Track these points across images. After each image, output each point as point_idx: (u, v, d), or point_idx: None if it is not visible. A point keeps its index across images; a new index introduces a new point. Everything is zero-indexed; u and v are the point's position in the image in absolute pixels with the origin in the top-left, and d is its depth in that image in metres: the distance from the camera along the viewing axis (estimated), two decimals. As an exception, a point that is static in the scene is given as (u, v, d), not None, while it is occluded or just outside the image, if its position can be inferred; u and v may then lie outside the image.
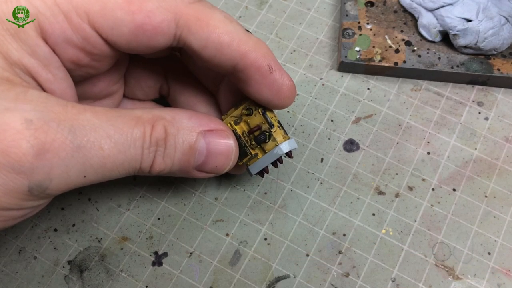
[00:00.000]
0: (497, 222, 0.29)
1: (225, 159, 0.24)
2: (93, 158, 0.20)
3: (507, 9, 0.32)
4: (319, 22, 0.36)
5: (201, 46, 0.22)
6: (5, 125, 0.18)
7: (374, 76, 0.34)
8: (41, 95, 0.20)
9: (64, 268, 0.28)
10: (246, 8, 0.37)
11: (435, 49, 0.33)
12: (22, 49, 0.20)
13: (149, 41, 0.22)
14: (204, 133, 0.23)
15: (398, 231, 0.29)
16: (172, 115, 0.22)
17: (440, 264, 0.28)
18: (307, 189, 0.30)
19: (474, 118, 0.33)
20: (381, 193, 0.30)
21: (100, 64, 0.23)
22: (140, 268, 0.28)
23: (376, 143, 0.32)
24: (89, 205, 0.30)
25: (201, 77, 0.27)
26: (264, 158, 0.25)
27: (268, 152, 0.25)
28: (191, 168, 0.23)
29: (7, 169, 0.18)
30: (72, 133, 0.19)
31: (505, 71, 0.32)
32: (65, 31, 0.21)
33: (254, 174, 0.26)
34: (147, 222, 0.29)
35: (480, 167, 0.31)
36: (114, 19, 0.21)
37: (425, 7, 0.33)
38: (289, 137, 0.25)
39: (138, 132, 0.21)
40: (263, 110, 0.25)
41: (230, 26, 0.22)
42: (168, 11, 0.21)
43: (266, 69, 0.23)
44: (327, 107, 0.33)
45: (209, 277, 0.28)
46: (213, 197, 0.30)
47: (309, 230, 0.29)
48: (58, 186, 0.20)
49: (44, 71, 0.21)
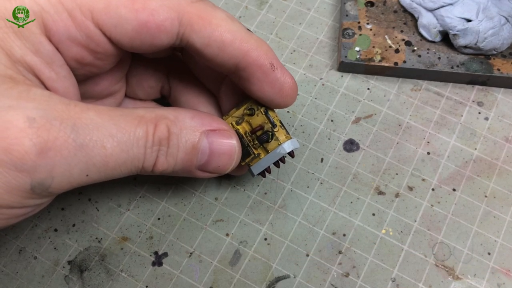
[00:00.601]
0: (497, 222, 0.29)
1: (228, 159, 0.24)
2: (95, 157, 0.20)
3: (507, 9, 0.32)
4: (319, 22, 0.36)
5: (204, 44, 0.22)
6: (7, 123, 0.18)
7: (374, 76, 0.34)
8: (44, 93, 0.20)
9: (64, 268, 0.28)
10: (246, 8, 0.37)
11: (435, 49, 0.33)
12: (25, 47, 0.20)
13: (152, 39, 0.22)
14: (207, 132, 0.23)
15: (398, 231, 0.29)
16: (175, 115, 0.22)
17: (440, 264, 0.28)
18: (307, 189, 0.30)
19: (474, 118, 0.33)
20: (381, 193, 0.30)
21: (103, 62, 0.23)
22: (140, 268, 0.28)
23: (376, 143, 0.32)
24: (89, 205, 0.30)
25: (202, 78, 0.27)
26: (267, 158, 0.25)
27: (271, 152, 0.25)
28: (193, 167, 0.23)
29: (9, 167, 0.18)
30: (74, 132, 0.19)
31: (505, 71, 0.32)
32: (69, 29, 0.21)
33: (256, 175, 0.26)
34: (147, 222, 0.29)
35: (480, 167, 0.31)
36: (118, 16, 0.21)
37: (425, 7, 0.33)
38: (291, 137, 0.25)
39: (141, 131, 0.21)
40: (265, 110, 0.25)
41: (232, 25, 0.22)
42: (171, 10, 0.21)
43: (268, 67, 0.23)
44: (327, 107, 0.33)
45: (209, 277, 0.28)
46: (213, 197, 0.30)
47: (309, 230, 0.29)
48: (61, 184, 0.20)
49: (47, 69, 0.21)
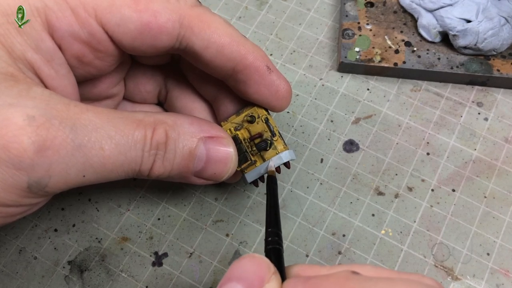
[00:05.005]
0: (496, 222, 0.30)
1: (224, 167, 0.24)
2: (93, 158, 0.20)
3: (506, 10, 0.32)
4: (319, 22, 0.36)
5: (203, 46, 0.23)
6: (7, 120, 0.18)
7: (374, 77, 0.34)
8: (44, 92, 0.20)
9: (64, 268, 0.28)
10: (246, 9, 0.37)
11: (434, 50, 0.33)
12: (26, 44, 0.21)
13: (154, 40, 0.22)
14: (204, 139, 0.23)
15: (397, 232, 0.29)
16: (174, 120, 0.23)
17: (439, 264, 0.28)
18: (307, 189, 0.30)
19: (474, 118, 0.33)
20: (380, 194, 0.30)
21: (102, 63, 0.23)
22: (140, 269, 0.28)
23: (375, 144, 0.32)
24: (89, 206, 0.30)
25: (199, 86, 0.27)
26: (263, 165, 0.25)
27: (267, 160, 0.25)
28: (189, 173, 0.23)
29: (7, 164, 0.18)
30: (73, 132, 0.19)
31: (505, 72, 0.32)
32: (72, 25, 0.21)
33: (249, 183, 0.26)
34: (147, 223, 0.30)
35: (479, 167, 0.31)
36: (121, 15, 0.21)
37: (424, 8, 0.33)
38: (288, 148, 0.25)
39: (139, 134, 0.21)
40: (266, 118, 0.25)
41: (230, 29, 0.23)
42: (173, 12, 0.22)
43: (264, 70, 0.24)
44: (327, 108, 0.33)
45: (209, 277, 0.28)
46: (213, 197, 0.30)
47: (308, 230, 0.29)
48: (57, 184, 0.20)
49: (46, 66, 0.21)
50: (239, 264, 0.17)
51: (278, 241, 0.20)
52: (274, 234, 0.20)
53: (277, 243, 0.20)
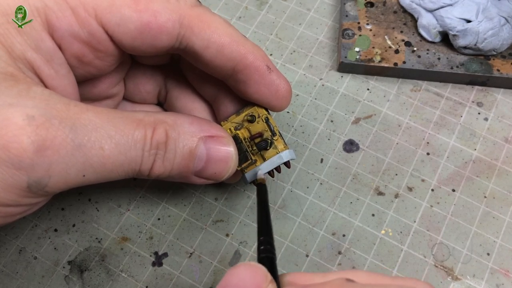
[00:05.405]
0: (496, 222, 0.30)
1: (225, 166, 0.24)
2: (93, 157, 0.20)
3: (506, 10, 0.32)
4: (319, 22, 0.36)
5: (203, 46, 0.23)
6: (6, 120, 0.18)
7: (374, 77, 0.34)
8: (44, 92, 0.20)
9: (64, 268, 0.28)
10: (246, 9, 0.37)
11: (434, 50, 0.33)
12: (26, 43, 0.21)
13: (154, 40, 0.22)
14: (205, 139, 0.23)
15: (397, 232, 0.29)
16: (174, 119, 0.23)
17: (439, 264, 0.28)
18: (307, 189, 0.30)
19: (474, 118, 0.33)
20: (380, 194, 0.30)
21: (102, 63, 0.23)
22: (140, 269, 0.28)
23: (375, 144, 0.32)
24: (89, 206, 0.30)
25: (198, 86, 0.27)
26: (263, 165, 0.25)
27: (268, 160, 0.25)
28: (190, 173, 0.23)
29: (6, 164, 0.18)
30: (73, 132, 0.19)
31: (505, 72, 0.32)
32: (72, 25, 0.21)
33: (249, 183, 0.26)
34: (147, 223, 0.30)
35: (479, 167, 0.31)
36: (121, 15, 0.21)
37: (424, 8, 0.33)
38: (288, 147, 0.25)
39: (139, 134, 0.21)
40: (266, 118, 0.25)
41: (230, 29, 0.23)
42: (173, 12, 0.22)
43: (265, 69, 0.24)
44: (327, 108, 0.33)
45: (209, 277, 0.28)
46: (213, 197, 0.30)
47: (308, 230, 0.29)
48: (57, 184, 0.20)
49: (46, 66, 0.21)
50: (235, 272, 0.17)
51: (270, 249, 0.20)
52: (267, 242, 0.20)
53: (270, 252, 0.19)
